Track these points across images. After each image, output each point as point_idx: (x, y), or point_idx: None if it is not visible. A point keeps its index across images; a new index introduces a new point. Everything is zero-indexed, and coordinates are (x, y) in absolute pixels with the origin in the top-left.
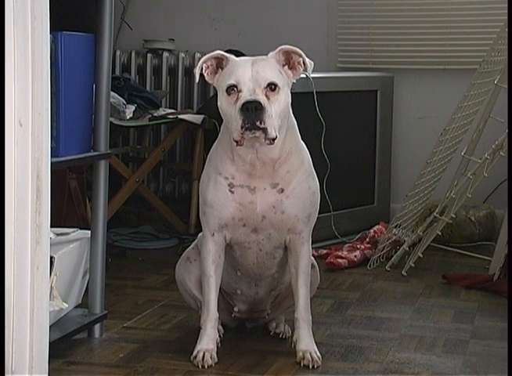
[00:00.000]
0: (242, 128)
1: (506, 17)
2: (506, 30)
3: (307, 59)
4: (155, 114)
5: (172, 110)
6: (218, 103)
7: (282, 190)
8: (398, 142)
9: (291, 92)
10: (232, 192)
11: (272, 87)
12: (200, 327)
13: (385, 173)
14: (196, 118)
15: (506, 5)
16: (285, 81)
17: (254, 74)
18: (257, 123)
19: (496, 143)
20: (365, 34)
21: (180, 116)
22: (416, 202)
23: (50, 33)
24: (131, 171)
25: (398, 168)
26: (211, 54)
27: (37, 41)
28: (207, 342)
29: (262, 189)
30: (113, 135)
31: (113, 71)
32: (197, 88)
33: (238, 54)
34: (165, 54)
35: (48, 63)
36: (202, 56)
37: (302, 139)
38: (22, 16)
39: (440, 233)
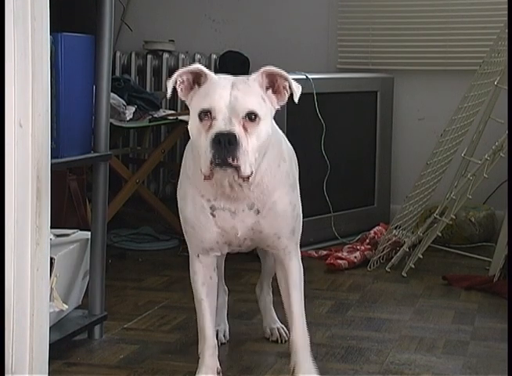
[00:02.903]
0: (211, 163)
1: (506, 18)
2: (506, 31)
3: (293, 84)
4: (155, 115)
5: (172, 111)
6: (189, 126)
7: (258, 211)
8: (398, 144)
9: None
10: (213, 215)
11: (251, 117)
12: (198, 356)
13: (385, 174)
14: None
15: (506, 6)
16: (267, 108)
17: (233, 101)
18: (229, 160)
19: (496, 144)
20: (365, 35)
21: (180, 117)
22: (417, 203)
23: (50, 34)
24: (131, 172)
25: (398, 169)
26: (189, 68)
27: (37, 42)
28: (206, 372)
29: (241, 211)
30: (114, 136)
31: (114, 72)
32: None
33: (238, 55)
34: (165, 55)
35: (48, 64)
36: (202, 57)
37: (302, 140)
38: (22, 17)
39: (440, 234)
